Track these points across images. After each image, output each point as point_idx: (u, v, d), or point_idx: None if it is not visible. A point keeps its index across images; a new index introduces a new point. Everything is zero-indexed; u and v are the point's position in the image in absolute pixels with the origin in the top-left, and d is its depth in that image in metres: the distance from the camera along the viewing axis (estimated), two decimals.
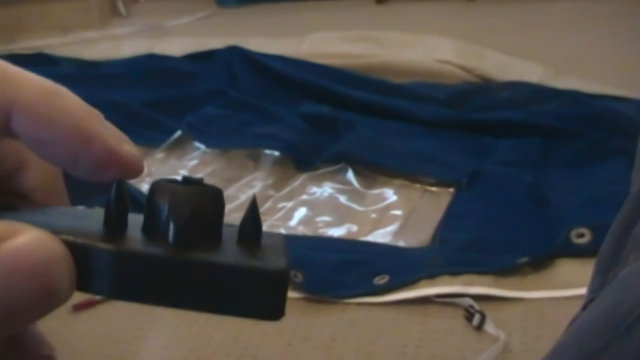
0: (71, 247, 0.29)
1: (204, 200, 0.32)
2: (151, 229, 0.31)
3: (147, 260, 0.29)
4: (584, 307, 0.68)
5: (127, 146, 0.33)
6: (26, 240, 0.27)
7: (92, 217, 0.32)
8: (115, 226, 0.31)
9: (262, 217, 0.33)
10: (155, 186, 0.32)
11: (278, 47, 2.89)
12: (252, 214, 0.33)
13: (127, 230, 0.31)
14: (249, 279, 0.30)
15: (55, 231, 0.29)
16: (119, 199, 0.31)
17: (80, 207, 0.35)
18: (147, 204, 0.32)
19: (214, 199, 0.32)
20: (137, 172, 0.33)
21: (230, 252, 0.31)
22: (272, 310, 0.31)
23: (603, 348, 0.57)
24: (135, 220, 0.32)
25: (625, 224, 0.71)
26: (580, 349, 0.60)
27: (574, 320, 0.68)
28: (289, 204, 1.94)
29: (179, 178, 0.32)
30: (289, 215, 1.91)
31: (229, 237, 0.33)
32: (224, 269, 0.30)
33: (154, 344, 1.52)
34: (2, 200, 0.33)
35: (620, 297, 0.60)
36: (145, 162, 2.07)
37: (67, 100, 0.32)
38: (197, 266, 0.30)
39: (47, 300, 0.28)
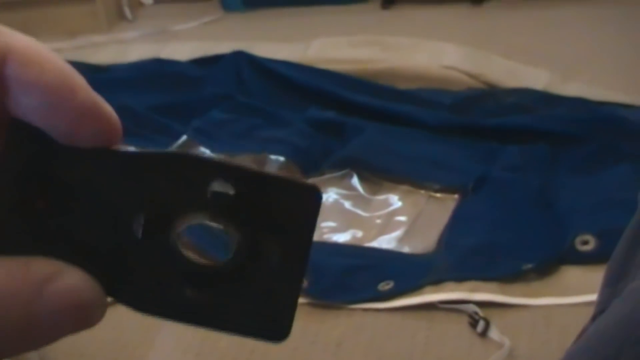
0: None
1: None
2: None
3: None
4: (594, 318, 0.69)
5: (107, 105, 0.33)
6: (72, 283, 0.31)
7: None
8: None
9: None
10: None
11: (284, 52, 2.89)
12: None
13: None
14: (258, 309, 0.33)
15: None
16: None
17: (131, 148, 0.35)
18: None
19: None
20: (114, 133, 0.34)
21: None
22: (279, 333, 0.35)
23: (613, 358, 0.57)
24: None
25: (634, 236, 0.71)
26: (590, 358, 0.60)
27: (583, 331, 0.68)
28: None
29: None
30: None
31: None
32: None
33: (162, 348, 1.53)
34: (29, 147, 0.32)
35: (631, 309, 0.61)
36: None
37: (53, 54, 0.33)
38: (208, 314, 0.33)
39: (81, 329, 0.32)
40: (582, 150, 2.04)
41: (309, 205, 0.32)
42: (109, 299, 0.33)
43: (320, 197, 0.32)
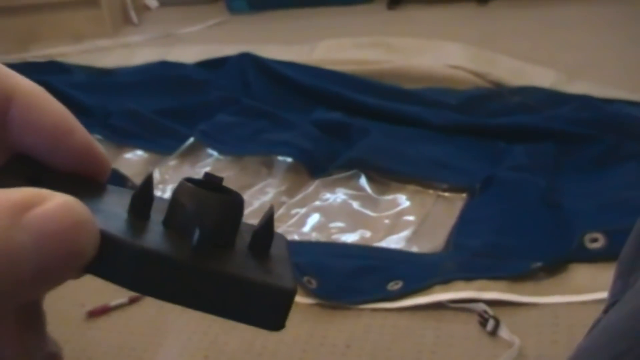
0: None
1: (229, 210, 0.33)
2: (173, 227, 0.33)
3: (168, 262, 0.31)
4: (606, 311, 0.68)
5: (100, 147, 0.36)
6: (54, 206, 0.29)
7: (118, 199, 0.34)
8: (139, 215, 0.33)
9: (276, 224, 0.35)
10: (183, 186, 0.33)
11: (290, 53, 2.89)
12: (267, 225, 0.34)
13: (149, 221, 0.33)
14: (259, 292, 0.32)
15: None
16: (146, 190, 0.33)
17: (108, 186, 0.37)
18: (172, 202, 0.33)
19: (237, 208, 0.33)
20: (105, 171, 0.36)
21: (243, 262, 0.33)
22: (275, 322, 0.33)
23: (626, 351, 0.57)
24: (157, 207, 0.34)
25: None
26: (602, 352, 0.60)
27: (595, 324, 0.68)
28: (302, 210, 1.94)
29: (201, 177, 0.34)
30: (303, 221, 1.91)
31: (242, 239, 0.34)
32: (237, 280, 0.32)
33: (169, 351, 1.53)
34: (26, 171, 0.34)
35: None
36: (158, 169, 2.07)
37: (52, 98, 0.35)
38: (214, 275, 0.31)
39: (74, 261, 0.29)
40: (589, 149, 2.04)
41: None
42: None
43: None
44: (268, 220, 0.34)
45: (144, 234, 0.32)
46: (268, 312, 0.32)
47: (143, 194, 0.33)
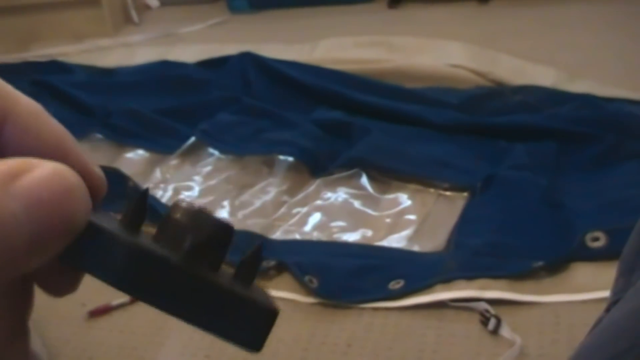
0: (91, 228, 0.30)
1: (221, 229, 0.33)
2: (165, 240, 0.32)
3: (159, 261, 0.31)
4: (608, 309, 0.69)
5: (96, 167, 0.35)
6: (44, 172, 0.28)
7: (110, 219, 0.34)
8: (130, 227, 0.32)
9: (277, 223, 0.35)
10: (177, 205, 0.33)
11: (291, 53, 2.89)
12: (255, 255, 0.35)
13: (140, 234, 0.33)
14: (244, 307, 0.33)
15: None
16: (140, 204, 0.33)
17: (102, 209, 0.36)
18: (165, 219, 0.33)
19: (228, 232, 0.33)
20: (101, 193, 0.35)
21: (229, 281, 0.33)
22: (255, 341, 0.34)
23: (627, 349, 0.57)
24: (148, 234, 0.33)
25: None
26: (604, 350, 0.60)
27: (598, 322, 0.68)
28: (304, 210, 1.94)
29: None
30: (304, 220, 1.91)
31: (227, 271, 0.34)
32: (226, 292, 0.32)
33: (171, 351, 1.53)
34: None
35: None
36: (159, 168, 2.07)
37: (50, 118, 0.34)
38: (201, 282, 0.32)
39: (67, 227, 0.29)
40: (589, 147, 2.03)
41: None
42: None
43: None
44: (256, 251, 0.35)
45: (137, 238, 0.32)
46: (250, 330, 0.33)
47: (137, 207, 0.33)
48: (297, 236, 1.86)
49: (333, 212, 1.93)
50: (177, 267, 0.31)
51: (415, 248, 1.78)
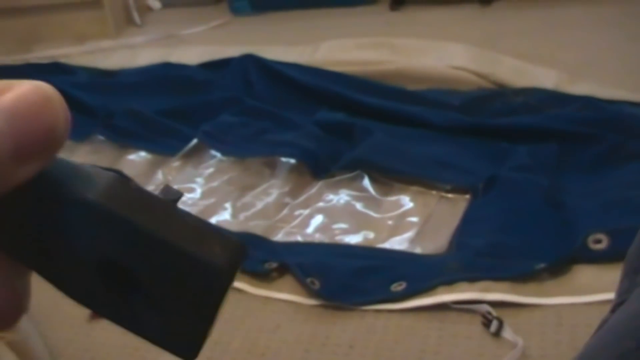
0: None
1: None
2: None
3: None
4: (613, 310, 0.69)
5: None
6: (24, 88, 0.30)
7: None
8: None
9: (279, 225, 0.35)
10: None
11: (293, 54, 2.89)
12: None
13: None
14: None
15: None
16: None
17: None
18: None
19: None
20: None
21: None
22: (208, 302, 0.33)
23: (634, 349, 0.57)
24: None
25: None
26: (609, 350, 0.60)
27: (603, 323, 0.68)
28: (306, 212, 1.94)
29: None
30: (306, 222, 1.91)
31: None
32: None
33: None
34: None
35: None
36: (161, 170, 2.07)
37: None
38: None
39: (49, 136, 0.30)
40: (591, 149, 2.03)
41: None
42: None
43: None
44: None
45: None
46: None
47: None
48: (299, 238, 1.86)
49: (335, 214, 1.93)
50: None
51: (417, 250, 1.78)
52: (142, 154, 2.32)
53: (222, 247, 0.33)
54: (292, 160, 2.10)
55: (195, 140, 2.29)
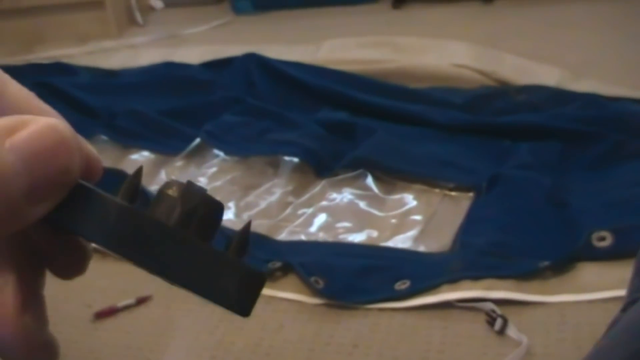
0: (85, 191, 0.32)
1: (210, 203, 0.34)
2: (156, 211, 0.34)
3: (149, 221, 0.32)
4: (624, 309, 0.68)
5: (90, 147, 0.35)
6: (39, 127, 0.30)
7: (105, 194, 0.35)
8: (125, 198, 0.34)
9: (283, 224, 0.36)
10: (169, 182, 0.35)
11: (295, 53, 2.89)
12: (245, 232, 0.35)
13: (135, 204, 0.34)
14: (233, 271, 0.33)
15: None
16: (135, 180, 0.35)
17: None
18: (158, 194, 0.34)
19: (218, 207, 0.35)
20: (97, 172, 0.36)
21: (218, 250, 0.34)
22: (243, 305, 0.34)
23: None
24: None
25: None
26: (622, 348, 0.60)
27: (614, 322, 0.68)
28: (309, 210, 1.94)
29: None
30: (309, 221, 1.91)
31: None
32: (215, 255, 0.33)
33: (176, 351, 1.53)
34: None
35: None
36: (164, 169, 2.07)
37: (41, 103, 0.35)
38: (191, 243, 0.33)
39: (62, 178, 0.30)
40: (594, 147, 2.03)
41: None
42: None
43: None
44: (246, 227, 0.35)
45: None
46: (238, 293, 0.33)
47: (133, 181, 0.35)
48: (303, 237, 1.85)
49: (338, 212, 1.93)
50: (166, 228, 0.32)
51: (421, 248, 1.78)
52: (145, 153, 2.32)
53: (238, 282, 0.33)
54: (295, 160, 2.10)
55: (198, 140, 2.29)
